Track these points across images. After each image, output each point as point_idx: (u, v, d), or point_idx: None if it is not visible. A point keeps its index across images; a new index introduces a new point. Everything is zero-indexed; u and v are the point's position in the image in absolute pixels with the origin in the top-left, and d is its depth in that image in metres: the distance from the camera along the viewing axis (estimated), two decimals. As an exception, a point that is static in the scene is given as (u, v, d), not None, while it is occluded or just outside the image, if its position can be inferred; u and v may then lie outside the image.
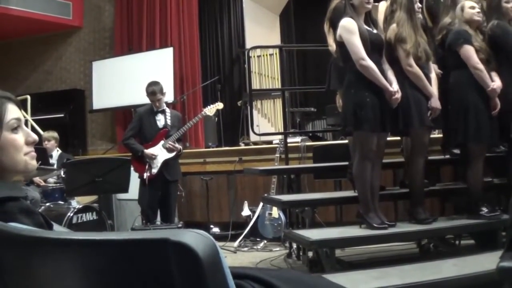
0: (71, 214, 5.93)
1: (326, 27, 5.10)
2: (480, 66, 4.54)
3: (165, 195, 6.18)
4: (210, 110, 6.44)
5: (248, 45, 9.54)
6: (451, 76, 4.81)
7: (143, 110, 6.29)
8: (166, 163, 6.05)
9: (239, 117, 9.27)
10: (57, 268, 1.30)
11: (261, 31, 10.36)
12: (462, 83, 4.62)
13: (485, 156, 4.76)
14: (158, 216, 6.26)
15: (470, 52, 4.56)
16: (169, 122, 6.16)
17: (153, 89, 6.14)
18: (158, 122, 6.17)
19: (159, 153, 6.04)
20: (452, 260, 4.25)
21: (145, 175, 5.91)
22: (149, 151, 6.04)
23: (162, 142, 6.05)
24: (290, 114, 8.86)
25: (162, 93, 6.21)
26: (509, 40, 4.71)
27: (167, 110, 6.26)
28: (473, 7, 4.71)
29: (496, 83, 4.57)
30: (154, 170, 6.02)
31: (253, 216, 6.84)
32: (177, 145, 6.09)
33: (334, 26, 4.82)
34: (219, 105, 6.57)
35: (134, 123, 6.31)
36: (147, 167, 5.97)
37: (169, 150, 6.04)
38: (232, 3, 10.52)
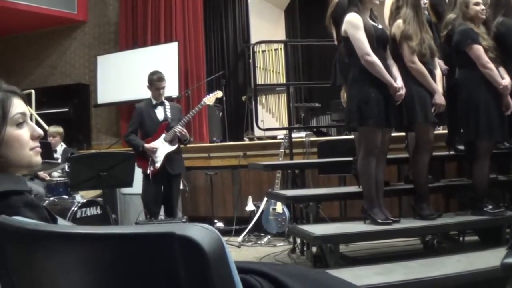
0: (75, 209, 5.95)
1: (328, 23, 5.10)
2: (490, 65, 4.51)
3: (168, 189, 6.14)
4: (209, 99, 6.41)
5: (253, 40, 9.52)
6: (458, 74, 4.79)
7: (142, 105, 6.25)
8: (168, 157, 6.01)
9: (244, 112, 9.27)
10: (61, 262, 1.30)
11: (266, 26, 10.35)
12: (471, 80, 4.60)
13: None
14: (161, 211, 6.24)
15: (479, 52, 4.53)
16: (169, 114, 6.13)
17: (160, 76, 6.12)
18: (158, 115, 6.14)
19: (161, 146, 6.00)
20: (456, 256, 4.25)
21: (149, 170, 5.89)
22: (150, 145, 6.00)
23: (163, 135, 6.01)
24: (295, 109, 8.86)
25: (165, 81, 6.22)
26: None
27: (166, 103, 6.22)
28: (477, 3, 4.67)
29: (506, 79, 4.56)
30: (157, 165, 5.99)
31: (257, 211, 6.85)
32: (185, 130, 6.07)
33: (336, 22, 4.82)
34: (218, 94, 6.55)
35: (134, 119, 6.27)
36: (150, 161, 5.94)
37: (172, 142, 6.02)
38: (237, -2, 10.54)
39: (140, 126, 6.22)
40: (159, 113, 6.15)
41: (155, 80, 6.11)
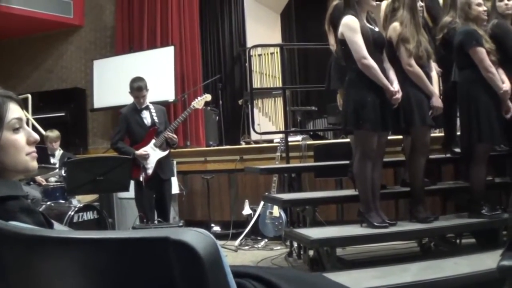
0: (72, 213, 5.93)
1: (326, 27, 5.10)
2: (493, 69, 4.51)
3: (161, 194, 6.10)
4: (198, 103, 6.34)
5: (249, 43, 9.54)
6: (458, 75, 4.78)
7: (127, 110, 6.14)
8: (159, 162, 5.98)
9: (240, 116, 9.27)
10: (58, 267, 1.30)
11: (262, 30, 10.36)
12: (471, 82, 4.59)
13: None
14: (155, 216, 6.21)
15: (483, 55, 4.52)
16: (156, 119, 6.05)
17: (139, 85, 5.96)
18: (145, 120, 6.05)
19: (152, 152, 5.96)
20: (453, 259, 4.25)
21: (141, 177, 5.85)
22: (141, 151, 5.92)
23: (153, 141, 5.94)
24: (291, 113, 8.87)
25: (147, 89, 6.05)
26: (508, 41, 4.70)
27: (151, 106, 6.12)
28: (479, 4, 4.67)
29: (506, 84, 4.56)
30: (149, 171, 5.94)
31: (254, 215, 6.84)
32: (175, 135, 6.05)
33: (334, 25, 4.82)
34: (207, 97, 6.48)
35: (120, 126, 6.15)
36: (141, 168, 5.90)
37: (162, 147, 5.99)
38: (233, 2, 10.52)
39: (128, 132, 6.13)
40: (146, 118, 6.06)
41: (135, 89, 5.99)
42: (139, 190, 5.97)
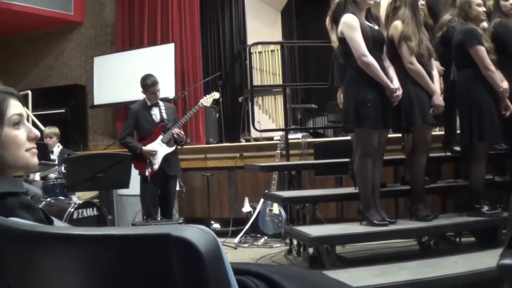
0: (72, 210, 5.93)
1: (328, 24, 5.09)
2: (492, 67, 4.51)
3: (166, 190, 6.14)
4: (207, 100, 6.39)
5: (250, 41, 9.53)
6: (458, 75, 4.78)
7: (137, 107, 6.19)
8: (166, 158, 6.01)
9: (240, 113, 9.27)
10: (57, 263, 1.30)
11: (263, 27, 10.35)
12: (471, 82, 4.59)
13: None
14: (158, 212, 6.22)
15: (483, 54, 4.52)
16: (165, 116, 6.10)
17: (154, 80, 6.05)
18: (154, 117, 6.10)
19: (159, 148, 5.98)
20: (452, 257, 4.25)
21: (147, 172, 5.85)
22: (148, 147, 5.97)
23: (160, 137, 5.98)
24: (291, 110, 8.86)
25: (159, 83, 6.15)
26: (510, 39, 4.70)
27: (161, 103, 6.18)
28: (479, 4, 4.67)
29: (505, 83, 4.56)
30: (155, 166, 5.96)
31: (253, 212, 6.84)
32: (182, 132, 6.08)
33: (336, 23, 4.81)
34: (215, 95, 6.53)
35: (129, 121, 6.21)
36: (148, 163, 5.91)
37: (169, 144, 6.01)
38: (233, -1, 10.54)
39: (136, 128, 6.18)
40: (155, 114, 6.11)
41: (149, 85, 6.05)
42: (144, 185, 5.99)
